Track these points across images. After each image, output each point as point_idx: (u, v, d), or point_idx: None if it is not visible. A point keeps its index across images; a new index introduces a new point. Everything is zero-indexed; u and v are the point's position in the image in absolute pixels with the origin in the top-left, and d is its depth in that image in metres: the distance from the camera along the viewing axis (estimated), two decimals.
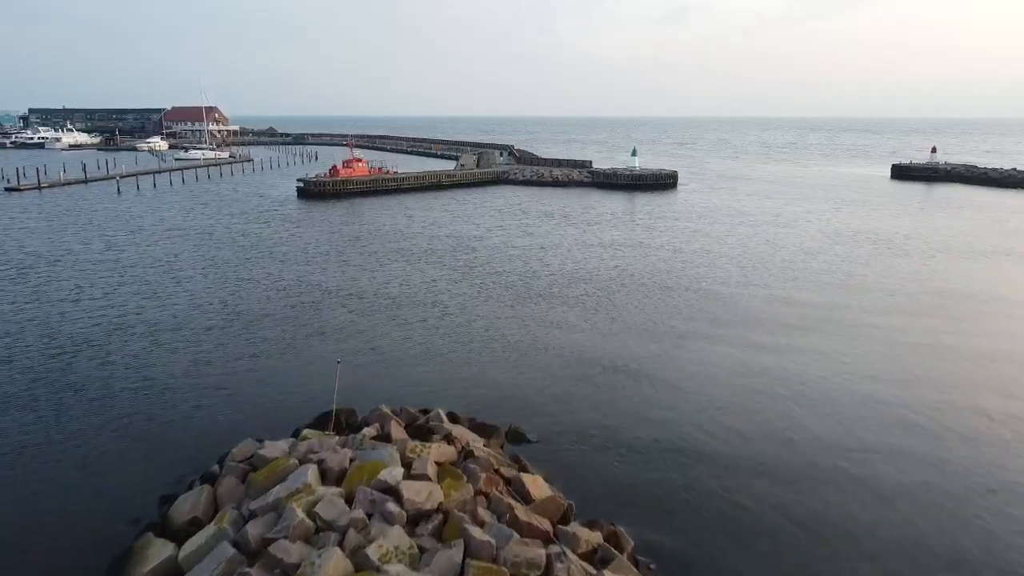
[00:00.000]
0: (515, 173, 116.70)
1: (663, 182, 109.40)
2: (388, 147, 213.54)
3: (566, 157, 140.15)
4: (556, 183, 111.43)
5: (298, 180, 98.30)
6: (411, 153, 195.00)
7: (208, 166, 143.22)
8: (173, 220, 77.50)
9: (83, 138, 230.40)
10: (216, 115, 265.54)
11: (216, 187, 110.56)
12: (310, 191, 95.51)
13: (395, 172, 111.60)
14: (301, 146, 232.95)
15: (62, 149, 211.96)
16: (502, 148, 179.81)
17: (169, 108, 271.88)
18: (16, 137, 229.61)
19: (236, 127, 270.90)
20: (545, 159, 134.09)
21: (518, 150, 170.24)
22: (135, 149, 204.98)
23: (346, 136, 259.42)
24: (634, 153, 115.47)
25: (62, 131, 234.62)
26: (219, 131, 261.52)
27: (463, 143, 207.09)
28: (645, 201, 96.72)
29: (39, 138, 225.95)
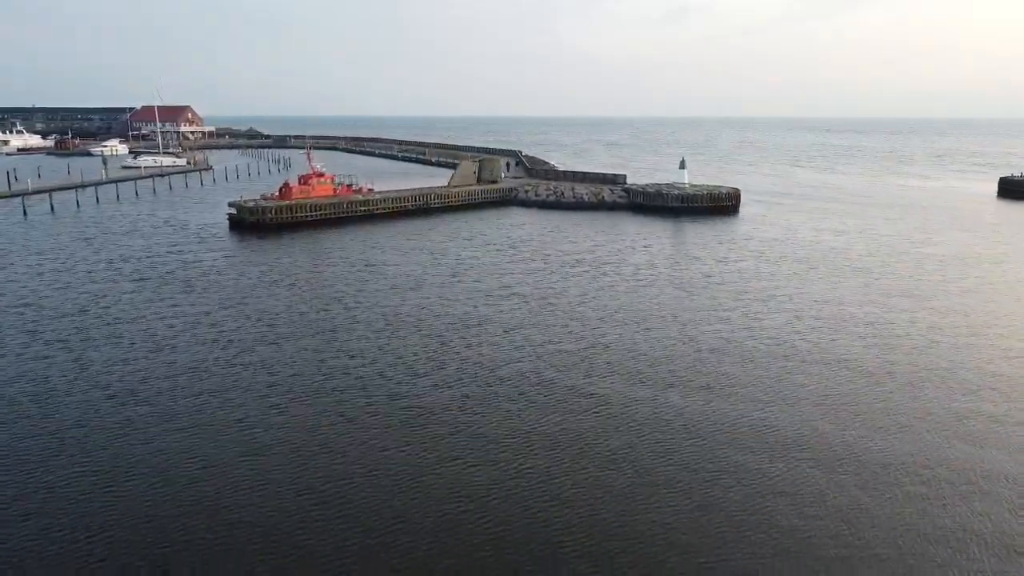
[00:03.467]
0: (527, 190, 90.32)
1: (721, 204, 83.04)
2: (378, 151, 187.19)
3: (593, 170, 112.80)
4: (581, 205, 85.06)
5: (230, 205, 71.90)
6: (403, 159, 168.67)
7: (152, 176, 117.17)
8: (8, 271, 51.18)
9: (34, 140, 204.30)
10: (189, 115, 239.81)
11: (138, 208, 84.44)
12: (246, 221, 69.13)
13: (369, 190, 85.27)
14: (281, 150, 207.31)
15: (9, 154, 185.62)
16: (507, 155, 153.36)
17: (139, 108, 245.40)
18: None
19: (211, 128, 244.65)
20: (564, 172, 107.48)
21: (527, 157, 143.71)
22: (89, 153, 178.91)
23: (336, 140, 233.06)
24: (682, 166, 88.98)
25: (11, 132, 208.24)
26: (191, 132, 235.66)
27: (462, 147, 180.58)
28: (702, 232, 70.45)
29: None
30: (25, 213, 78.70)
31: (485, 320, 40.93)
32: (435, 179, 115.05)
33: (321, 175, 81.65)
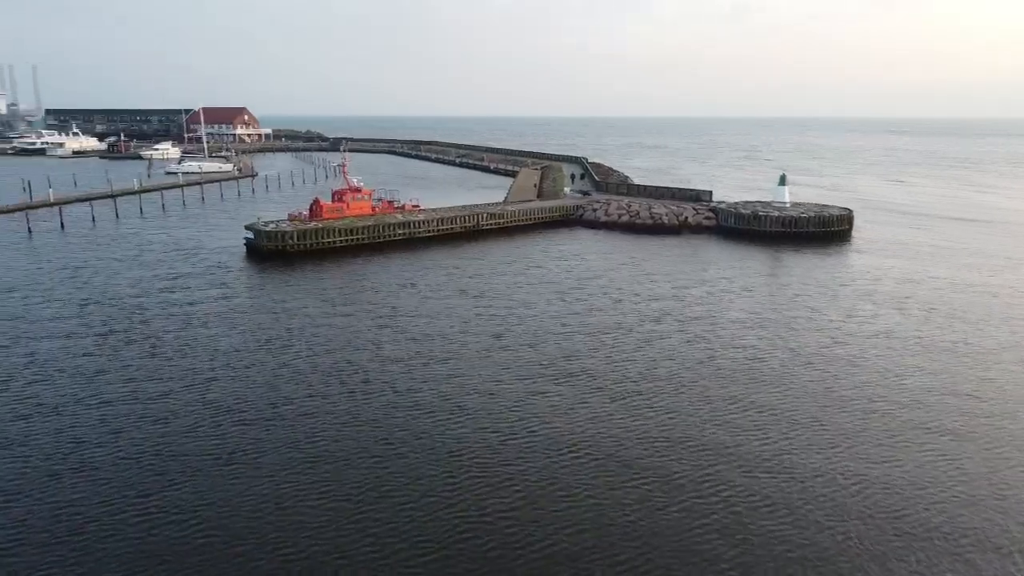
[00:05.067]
0: (595, 208, 77.92)
1: (831, 228, 69.11)
2: (434, 156, 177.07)
3: (673, 185, 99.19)
4: (659, 227, 72.21)
5: (246, 228, 61.54)
6: (460, 165, 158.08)
7: (189, 184, 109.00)
8: None
9: (90, 143, 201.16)
10: (245, 117, 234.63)
11: (159, 224, 75.37)
12: (266, 248, 58.70)
13: (413, 206, 74.25)
14: (336, 153, 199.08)
15: (63, 157, 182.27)
16: (571, 162, 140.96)
17: (196, 109, 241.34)
18: (17, 142, 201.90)
19: (267, 130, 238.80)
20: (639, 186, 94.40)
21: (594, 165, 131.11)
22: (140, 157, 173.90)
23: (394, 143, 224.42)
24: (783, 182, 75.18)
25: (68, 135, 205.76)
26: (247, 135, 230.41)
27: (522, 152, 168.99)
28: (812, 268, 57.11)
29: (42, 143, 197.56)
30: (30, 231, 70.22)
31: (538, 418, 28.87)
32: (492, 190, 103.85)
33: (358, 190, 70.99)
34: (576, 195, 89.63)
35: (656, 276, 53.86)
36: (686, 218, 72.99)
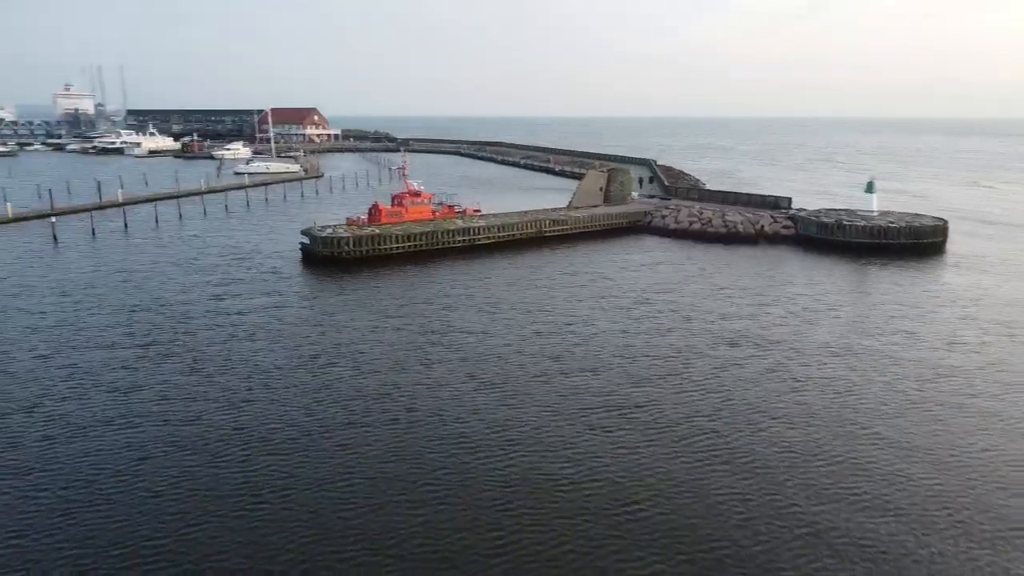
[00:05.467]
0: (664, 214, 73.94)
1: (923, 240, 63.52)
2: (499, 158, 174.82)
3: (748, 190, 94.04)
4: (733, 235, 67.81)
5: (302, 234, 59.94)
6: (525, 167, 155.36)
7: (255, 185, 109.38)
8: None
9: (165, 143, 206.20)
10: (315, 117, 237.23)
11: (220, 226, 74.93)
12: (321, 254, 56.96)
13: (474, 211, 71.74)
14: (407, 153, 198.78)
15: (140, 156, 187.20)
16: (639, 165, 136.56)
17: (267, 109, 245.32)
18: (98, 141, 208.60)
19: (336, 130, 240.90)
20: (711, 191, 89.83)
21: (663, 167, 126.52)
22: (211, 157, 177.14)
23: (459, 144, 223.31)
24: (870, 189, 69.66)
25: (145, 135, 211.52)
26: (317, 135, 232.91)
27: (589, 154, 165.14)
28: (904, 285, 52.17)
29: (121, 143, 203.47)
30: (94, 232, 70.43)
31: (597, 461, 25.62)
32: (558, 194, 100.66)
33: (417, 194, 68.88)
34: (644, 200, 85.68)
35: (730, 291, 49.84)
36: (763, 226, 68.37)
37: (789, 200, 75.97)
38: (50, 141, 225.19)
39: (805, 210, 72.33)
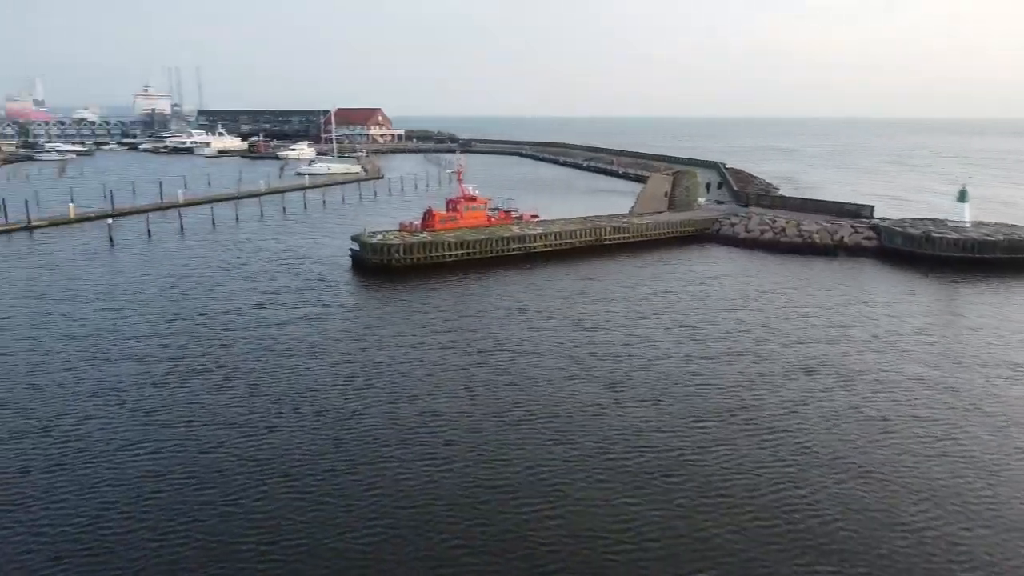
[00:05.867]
0: (733, 223, 69.52)
1: (1020, 257, 57.63)
2: (562, 159, 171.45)
3: (829, 198, 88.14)
4: (809, 247, 63.08)
5: (352, 240, 57.92)
6: (588, 169, 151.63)
7: (313, 187, 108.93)
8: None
9: (233, 143, 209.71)
10: (379, 117, 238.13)
11: (275, 228, 73.94)
12: (370, 262, 54.83)
13: (532, 217, 68.77)
14: (466, 155, 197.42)
15: (209, 156, 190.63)
16: (707, 166, 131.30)
17: (333, 110, 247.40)
18: (170, 141, 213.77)
19: (399, 131, 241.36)
20: (785, 197, 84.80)
21: (732, 171, 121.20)
22: (276, 157, 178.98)
23: (520, 144, 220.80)
24: (963, 198, 63.79)
25: (214, 135, 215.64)
26: (380, 135, 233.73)
27: (653, 156, 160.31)
28: (1004, 304, 47.12)
29: (191, 143, 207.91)
30: (150, 234, 70.13)
31: (657, 523, 22.29)
32: (621, 197, 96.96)
33: (472, 199, 66.30)
34: (712, 206, 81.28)
35: (807, 310, 45.58)
36: (842, 237, 63.39)
37: (871, 208, 70.52)
38: (125, 140, 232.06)
39: (889, 219, 66.92)
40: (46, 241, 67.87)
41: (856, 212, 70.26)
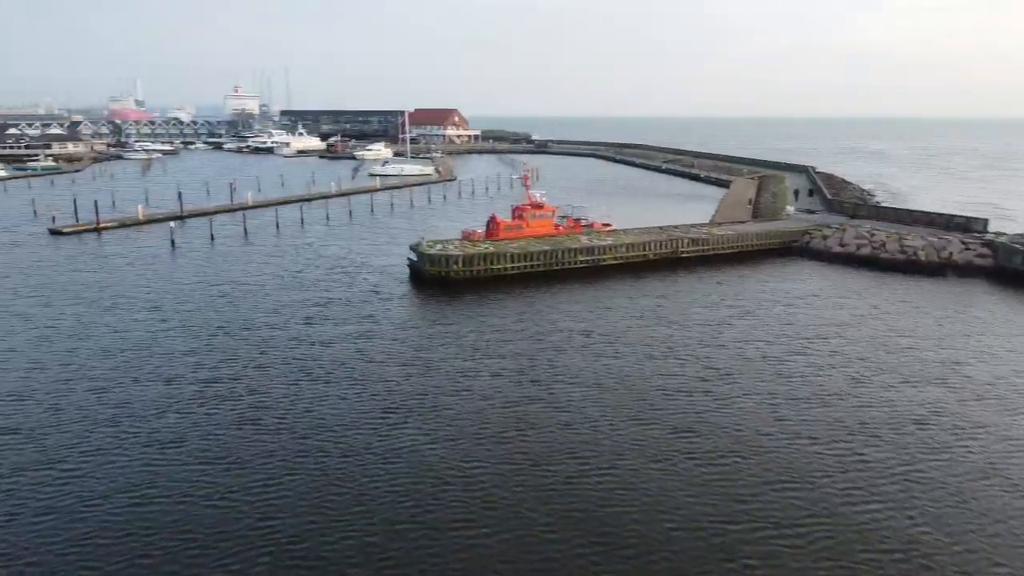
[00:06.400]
0: (825, 236, 63.45)
1: None
2: (638, 162, 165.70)
3: (933, 209, 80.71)
4: (913, 264, 56.64)
5: (411, 248, 54.84)
6: (666, 172, 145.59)
7: (383, 189, 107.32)
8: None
9: (312, 143, 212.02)
10: (455, 118, 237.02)
11: (342, 233, 71.98)
12: (427, 273, 51.64)
13: (603, 225, 64.42)
14: (542, 155, 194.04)
15: (288, 156, 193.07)
16: (796, 170, 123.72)
17: (412, 110, 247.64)
18: (252, 141, 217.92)
19: (476, 131, 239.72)
20: (884, 207, 77.72)
21: (822, 174, 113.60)
22: (353, 157, 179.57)
23: (597, 146, 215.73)
24: None
25: (295, 135, 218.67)
26: (457, 136, 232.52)
27: (737, 159, 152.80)
28: None
29: (272, 143, 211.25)
30: (212, 238, 69.05)
31: None
32: (701, 204, 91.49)
33: (540, 206, 62.38)
34: (801, 216, 75.04)
35: (913, 340, 39.84)
36: (950, 254, 56.60)
37: (984, 222, 63.12)
38: (211, 140, 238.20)
39: (1005, 234, 59.53)
40: (112, 243, 67.62)
41: (966, 226, 63.01)
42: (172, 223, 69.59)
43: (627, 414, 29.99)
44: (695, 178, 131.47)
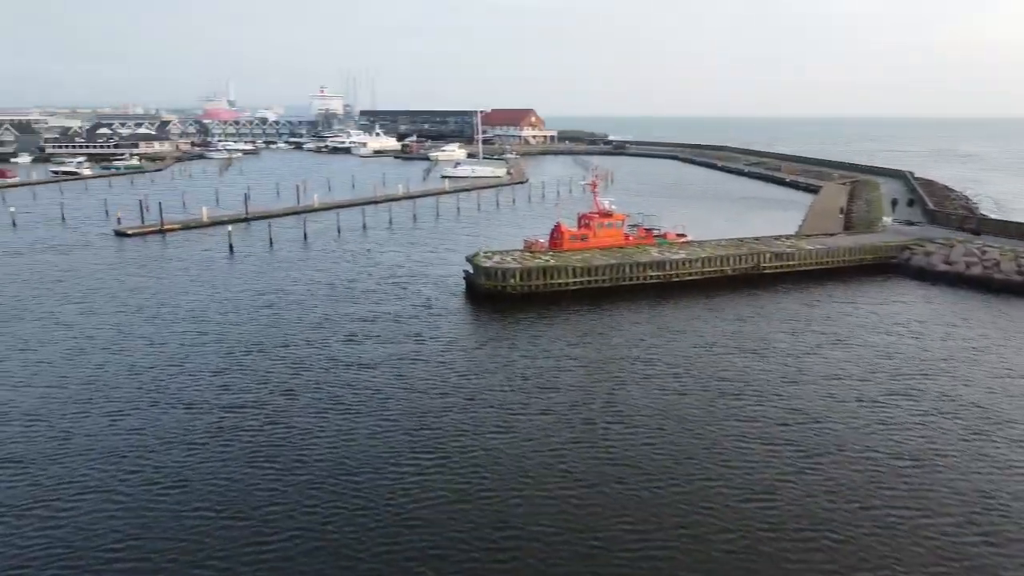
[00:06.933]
0: (930, 250, 56.93)
1: None
2: (719, 164, 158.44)
3: None
4: None
5: (467, 260, 51.39)
6: (749, 175, 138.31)
7: (451, 192, 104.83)
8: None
9: (388, 143, 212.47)
10: (532, 118, 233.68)
11: (401, 239, 69.55)
12: (483, 287, 48.10)
13: (677, 236, 59.65)
14: (618, 157, 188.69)
15: (364, 156, 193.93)
16: (893, 176, 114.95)
17: (488, 110, 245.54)
18: (330, 141, 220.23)
19: (552, 132, 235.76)
20: (995, 220, 69.99)
21: (922, 180, 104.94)
22: (427, 158, 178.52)
23: (676, 147, 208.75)
24: None
25: (372, 135, 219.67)
26: (533, 137, 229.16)
27: (827, 162, 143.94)
28: None
29: (349, 142, 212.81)
30: (271, 243, 67.49)
31: None
32: (786, 212, 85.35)
33: (608, 215, 58.07)
34: (899, 228, 68.19)
35: None
36: None
37: None
38: (291, 140, 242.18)
39: None
40: (173, 246, 66.93)
41: None
42: (230, 227, 68.45)
43: (693, 466, 25.68)
44: (780, 182, 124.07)
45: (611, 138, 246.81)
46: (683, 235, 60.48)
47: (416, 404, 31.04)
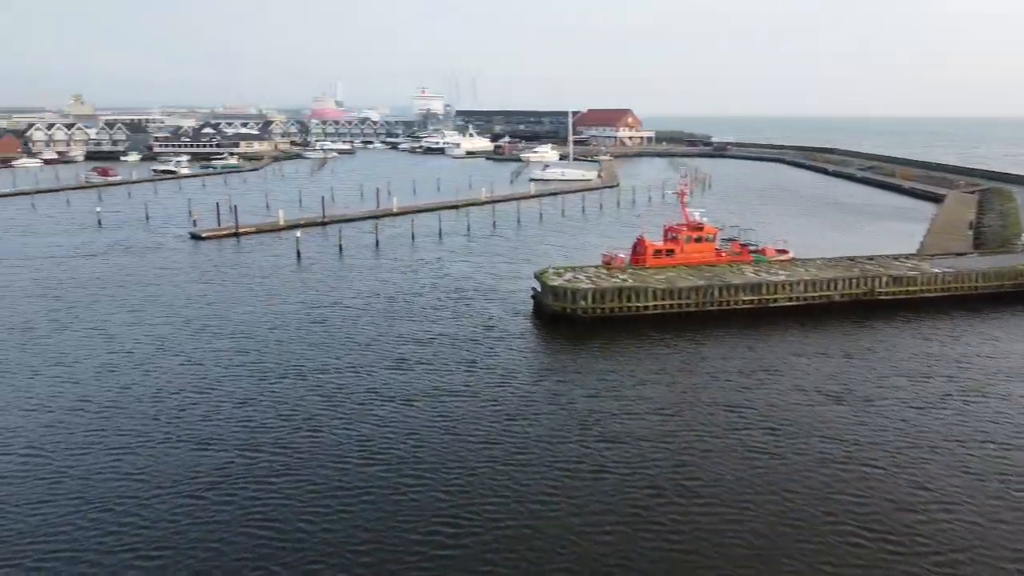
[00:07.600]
0: None
1: None
2: (829, 168, 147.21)
3: None
4: None
5: (535, 276, 46.57)
6: (862, 182, 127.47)
7: (537, 196, 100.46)
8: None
9: (481, 144, 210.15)
10: (628, 119, 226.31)
11: (480, 247, 66.21)
12: (551, 309, 43.23)
13: (778, 252, 53.09)
14: (719, 159, 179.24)
15: (457, 157, 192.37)
16: None
17: (584, 110, 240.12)
18: (425, 141, 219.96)
19: (650, 133, 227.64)
20: None
21: None
22: (518, 159, 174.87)
23: (783, 150, 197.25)
24: None
25: (465, 136, 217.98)
26: (629, 137, 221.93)
27: (951, 167, 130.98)
28: None
29: (443, 143, 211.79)
30: (341, 249, 64.93)
31: None
32: (904, 223, 76.70)
33: (699, 228, 52.13)
34: None
35: None
36: None
37: None
38: (388, 140, 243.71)
39: None
40: (245, 251, 65.45)
41: None
42: (298, 233, 66.19)
43: (778, 554, 20.18)
44: (897, 189, 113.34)
45: (713, 139, 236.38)
46: (784, 251, 53.89)
47: (455, 453, 26.73)
